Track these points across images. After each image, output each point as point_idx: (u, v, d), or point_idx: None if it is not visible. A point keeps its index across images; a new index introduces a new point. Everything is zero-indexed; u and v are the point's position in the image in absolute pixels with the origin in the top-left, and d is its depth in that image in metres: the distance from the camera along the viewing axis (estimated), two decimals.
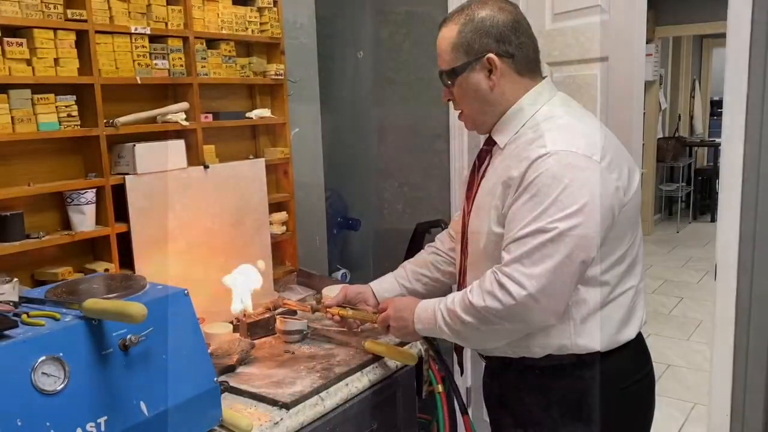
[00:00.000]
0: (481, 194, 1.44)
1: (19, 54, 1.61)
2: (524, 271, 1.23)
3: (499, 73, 1.37)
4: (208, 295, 2.04)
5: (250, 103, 2.32)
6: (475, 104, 1.42)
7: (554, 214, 1.24)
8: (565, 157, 1.26)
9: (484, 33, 1.36)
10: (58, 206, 1.78)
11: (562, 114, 1.38)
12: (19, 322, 1.18)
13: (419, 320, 1.45)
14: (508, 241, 1.28)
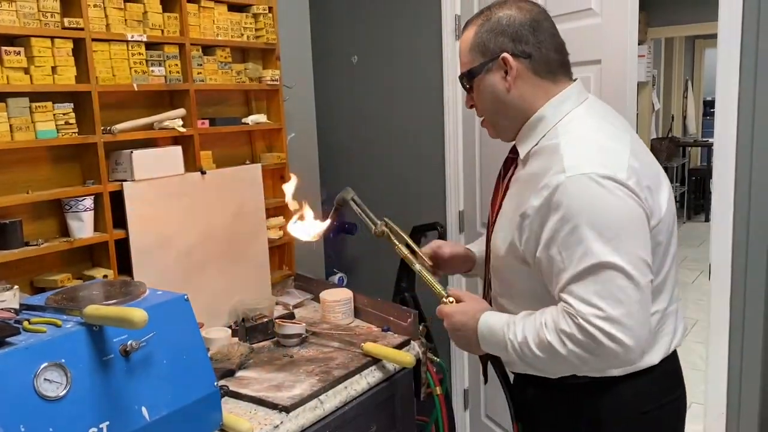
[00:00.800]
0: (503, 213, 1.38)
1: (16, 62, 1.62)
2: (604, 315, 1.14)
3: (515, 74, 1.30)
4: (207, 299, 2.06)
5: (247, 108, 2.33)
6: (494, 108, 1.36)
7: (608, 244, 1.15)
8: (585, 182, 1.17)
9: (500, 32, 1.30)
10: (56, 213, 1.79)
11: (586, 126, 1.29)
12: (20, 329, 1.19)
13: (485, 343, 1.33)
14: (565, 282, 1.19)
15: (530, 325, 1.24)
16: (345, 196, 1.67)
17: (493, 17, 1.32)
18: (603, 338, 1.13)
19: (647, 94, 7.30)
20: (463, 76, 1.37)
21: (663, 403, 1.37)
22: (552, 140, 1.28)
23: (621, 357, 1.15)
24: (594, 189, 1.17)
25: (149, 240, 1.89)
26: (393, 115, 3.08)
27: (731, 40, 1.96)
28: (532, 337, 1.22)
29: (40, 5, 1.66)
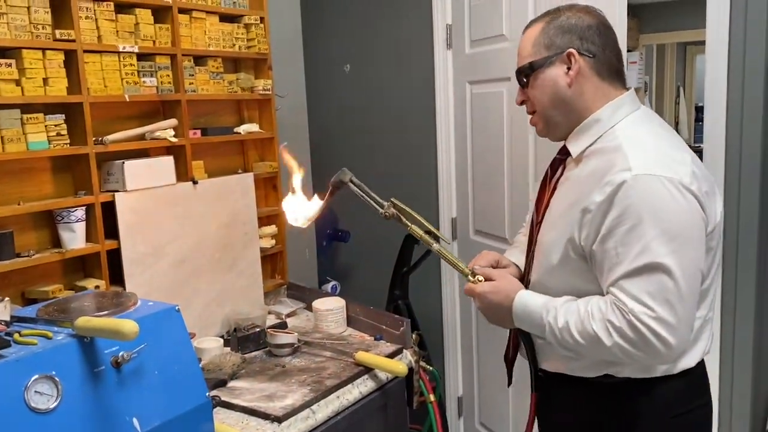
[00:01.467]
0: (554, 212, 1.38)
1: (8, 74, 1.63)
2: (655, 316, 1.18)
3: (578, 69, 1.32)
4: (198, 309, 2.06)
5: (239, 118, 2.34)
6: (551, 102, 1.36)
7: (667, 247, 1.18)
8: (653, 182, 1.20)
9: (568, 30, 1.33)
10: (48, 224, 1.79)
11: (645, 131, 1.32)
12: (11, 342, 1.19)
13: (520, 321, 1.36)
14: (618, 277, 1.22)
15: (573, 313, 1.27)
16: (342, 178, 1.54)
17: (561, 17, 1.36)
18: (651, 337, 1.19)
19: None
20: (523, 68, 1.38)
21: (692, 408, 1.39)
22: (611, 142, 1.30)
23: (663, 356, 1.21)
24: (660, 189, 1.20)
25: (141, 250, 1.89)
26: (385, 123, 3.10)
27: (719, 47, 1.98)
28: (574, 325, 1.26)
29: (31, 17, 1.67)
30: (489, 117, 2.60)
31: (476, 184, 2.75)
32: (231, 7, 2.20)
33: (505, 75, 2.45)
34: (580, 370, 1.39)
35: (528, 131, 2.33)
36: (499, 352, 2.65)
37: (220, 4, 2.17)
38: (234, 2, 2.22)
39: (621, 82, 1.38)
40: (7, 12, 1.62)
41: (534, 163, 2.35)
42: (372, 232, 3.19)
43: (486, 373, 2.83)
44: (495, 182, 2.59)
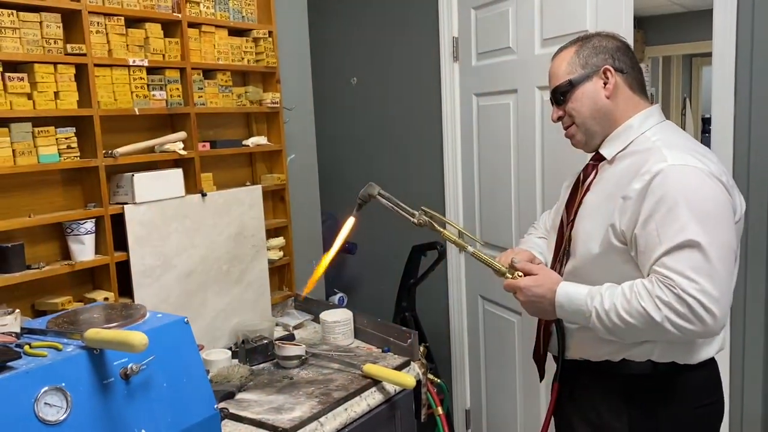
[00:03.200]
0: (590, 206, 1.49)
1: (20, 88, 1.65)
2: (700, 288, 1.27)
3: (614, 83, 1.48)
4: (207, 321, 2.06)
5: (247, 131, 2.35)
6: (590, 113, 1.50)
7: (703, 227, 1.29)
8: (687, 171, 1.33)
9: (601, 51, 1.50)
10: (58, 236, 1.80)
11: (674, 136, 1.47)
12: (21, 353, 1.19)
13: (563, 311, 1.44)
14: (660, 254, 1.31)
15: (619, 295, 1.35)
16: (371, 192, 1.63)
17: (591, 41, 1.52)
18: (699, 308, 1.27)
19: None
20: (562, 86, 1.51)
21: (706, 403, 1.49)
22: (643, 144, 1.45)
23: (710, 327, 1.28)
24: (692, 177, 1.33)
25: (150, 262, 1.90)
26: (392, 135, 3.11)
27: (726, 58, 1.99)
28: (621, 306, 1.33)
29: (43, 32, 1.69)
30: (496, 129, 2.60)
31: (483, 195, 2.75)
32: (240, 21, 2.22)
33: (511, 87, 2.46)
34: (601, 352, 1.48)
35: (535, 143, 2.34)
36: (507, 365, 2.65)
37: (229, 18, 2.19)
38: (243, 16, 2.24)
39: (647, 97, 1.54)
40: (20, 27, 1.64)
41: (541, 174, 2.35)
42: (378, 244, 3.20)
43: (494, 385, 2.82)
44: (502, 194, 2.59)
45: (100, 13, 1.80)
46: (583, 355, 1.53)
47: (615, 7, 2.05)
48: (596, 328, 1.39)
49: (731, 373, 2.06)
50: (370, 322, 2.13)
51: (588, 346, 1.51)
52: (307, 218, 2.62)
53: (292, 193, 2.43)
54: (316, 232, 2.68)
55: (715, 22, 2.00)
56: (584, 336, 1.50)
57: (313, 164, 2.66)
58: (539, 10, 2.30)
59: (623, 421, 1.47)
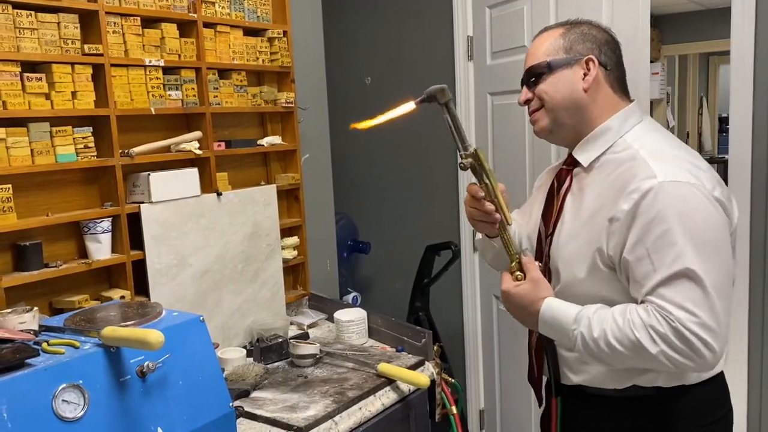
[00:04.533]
0: (570, 223, 1.38)
1: (38, 88, 1.66)
2: (700, 322, 1.18)
3: (595, 76, 1.35)
4: (222, 319, 2.07)
5: (262, 130, 2.36)
6: (564, 103, 1.37)
7: (698, 253, 1.19)
8: (680, 189, 1.22)
9: (588, 39, 1.38)
10: (75, 235, 1.82)
11: (657, 139, 1.35)
12: (39, 351, 1.21)
13: (546, 329, 1.35)
14: (655, 284, 1.21)
15: (609, 321, 1.25)
16: (439, 96, 1.40)
17: (581, 27, 1.40)
18: (698, 344, 1.18)
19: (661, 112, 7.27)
20: (539, 66, 1.38)
21: (718, 417, 1.39)
22: (625, 150, 1.33)
23: (708, 362, 1.20)
24: (687, 195, 1.21)
25: (166, 261, 1.91)
26: (406, 134, 3.10)
27: (744, 57, 1.97)
28: (612, 333, 1.23)
29: (61, 32, 1.71)
30: (511, 128, 2.59)
31: None
32: (255, 21, 2.23)
33: None
34: (607, 381, 1.37)
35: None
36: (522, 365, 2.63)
37: (244, 18, 2.20)
38: (258, 16, 2.25)
39: (627, 95, 1.42)
40: (38, 28, 1.66)
41: None
42: (393, 243, 3.20)
43: (508, 386, 2.81)
44: (516, 193, 2.57)
45: (116, 13, 1.81)
46: (582, 382, 1.42)
47: (632, 5, 2.04)
48: (580, 352, 1.30)
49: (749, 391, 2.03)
50: (384, 321, 2.13)
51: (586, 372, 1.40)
52: (321, 217, 2.63)
53: (307, 193, 2.44)
54: (330, 232, 2.69)
55: (734, 19, 1.98)
56: (579, 360, 1.40)
57: (327, 164, 2.66)
58: (554, 8, 2.29)
59: None
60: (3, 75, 1.60)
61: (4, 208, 1.60)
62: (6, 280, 1.61)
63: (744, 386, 2.06)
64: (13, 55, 1.61)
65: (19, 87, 1.63)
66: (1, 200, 1.59)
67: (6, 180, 1.62)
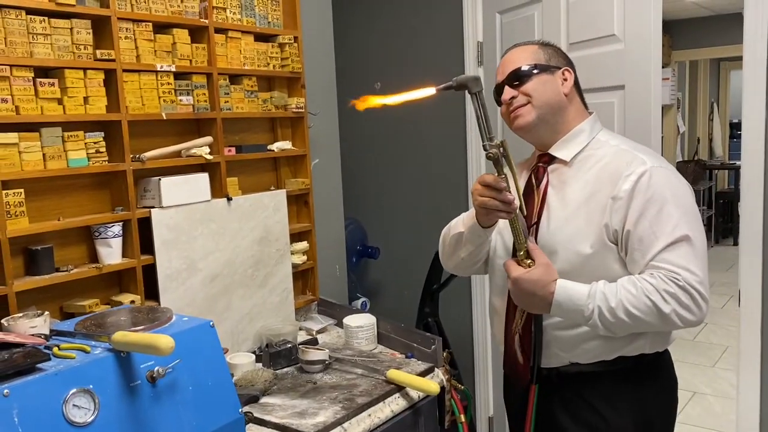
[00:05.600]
0: (562, 210, 1.50)
1: (50, 93, 1.67)
2: (699, 279, 1.37)
3: (571, 84, 1.55)
4: (231, 325, 2.07)
5: (272, 135, 2.36)
6: (549, 101, 1.53)
7: (689, 222, 1.40)
8: (666, 173, 1.45)
9: (560, 55, 1.60)
10: (86, 240, 1.82)
11: (628, 142, 1.56)
12: (50, 355, 1.21)
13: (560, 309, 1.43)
14: (659, 250, 1.39)
15: (622, 292, 1.39)
16: (470, 85, 1.39)
17: (551, 47, 1.60)
18: (699, 298, 1.37)
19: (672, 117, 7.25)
20: (523, 69, 1.53)
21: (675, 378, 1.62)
22: (602, 147, 1.53)
23: (704, 313, 1.39)
24: (673, 179, 1.45)
25: (176, 266, 1.91)
26: (416, 140, 3.10)
27: (757, 62, 1.95)
28: (629, 301, 1.38)
29: (73, 38, 1.72)
30: None
31: None
32: (266, 27, 2.24)
33: None
34: (599, 354, 1.50)
35: None
36: None
37: (255, 24, 2.20)
38: (269, 22, 2.26)
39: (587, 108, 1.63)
40: (51, 33, 1.67)
41: None
42: (402, 249, 3.19)
43: None
44: None
45: (128, 19, 1.82)
46: (574, 359, 1.53)
47: (643, 11, 2.03)
48: (594, 326, 1.41)
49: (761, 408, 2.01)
50: (393, 327, 2.12)
51: (581, 349, 1.51)
52: (331, 223, 2.63)
53: (316, 198, 2.44)
54: (340, 237, 2.69)
55: (746, 25, 1.96)
56: (577, 338, 1.50)
57: (337, 169, 2.66)
58: (565, 15, 2.28)
59: (626, 417, 1.51)
60: (16, 80, 1.61)
61: (16, 212, 1.61)
62: (17, 284, 1.61)
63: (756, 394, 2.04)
64: (26, 60, 1.62)
65: (32, 92, 1.64)
66: (14, 204, 1.60)
67: (18, 184, 1.62)
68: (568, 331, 1.50)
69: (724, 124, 9.05)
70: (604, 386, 1.52)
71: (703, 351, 4.58)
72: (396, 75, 3.14)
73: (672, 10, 6.23)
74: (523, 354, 1.57)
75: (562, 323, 1.50)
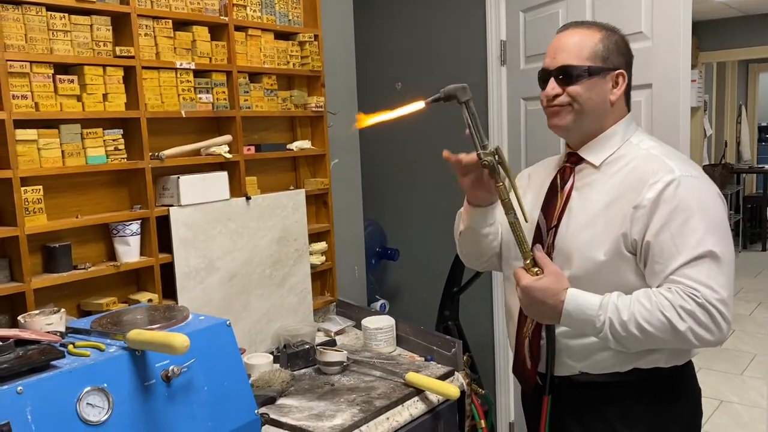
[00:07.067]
0: (582, 213, 1.44)
1: (70, 90, 1.67)
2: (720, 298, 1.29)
3: (621, 92, 1.46)
4: (249, 324, 2.05)
5: (291, 134, 2.34)
6: (594, 107, 1.45)
7: (715, 238, 1.32)
8: (696, 183, 1.37)
9: (622, 52, 1.46)
10: (104, 237, 1.82)
11: (657, 143, 1.48)
12: (65, 353, 1.20)
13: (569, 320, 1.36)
14: (680, 265, 1.31)
15: (636, 305, 1.32)
16: (459, 95, 1.41)
17: (616, 36, 1.47)
18: (719, 318, 1.29)
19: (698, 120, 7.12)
20: (576, 68, 1.42)
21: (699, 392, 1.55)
22: (634, 151, 1.45)
23: (724, 334, 1.31)
24: (701, 188, 1.37)
25: (194, 264, 1.90)
26: (437, 139, 3.06)
27: None
28: (641, 315, 1.31)
29: (93, 35, 1.71)
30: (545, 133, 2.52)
31: None
32: (286, 25, 2.22)
33: None
34: (612, 365, 1.43)
35: None
36: None
37: (276, 21, 2.19)
38: (289, 20, 2.24)
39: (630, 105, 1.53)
40: (71, 30, 1.67)
41: None
42: (421, 250, 3.16)
43: None
44: None
45: (148, 16, 1.82)
46: (585, 369, 1.46)
47: (672, 8, 1.97)
48: (605, 339, 1.35)
49: None
50: (412, 329, 2.09)
51: (592, 359, 1.45)
52: (350, 223, 2.60)
53: (335, 198, 2.42)
54: (359, 238, 2.66)
55: None
56: (588, 348, 1.44)
57: (357, 169, 2.64)
58: (591, 11, 2.24)
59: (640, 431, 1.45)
60: (36, 77, 1.60)
61: (34, 209, 1.60)
62: (35, 281, 1.61)
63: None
64: (46, 57, 1.62)
65: (52, 89, 1.64)
66: (32, 201, 1.60)
67: (37, 181, 1.62)
68: (578, 339, 1.44)
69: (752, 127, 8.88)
70: (618, 398, 1.45)
71: (730, 358, 4.47)
72: (417, 74, 3.11)
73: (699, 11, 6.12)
74: (531, 359, 1.52)
75: (572, 331, 1.44)
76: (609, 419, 1.46)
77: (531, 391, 1.56)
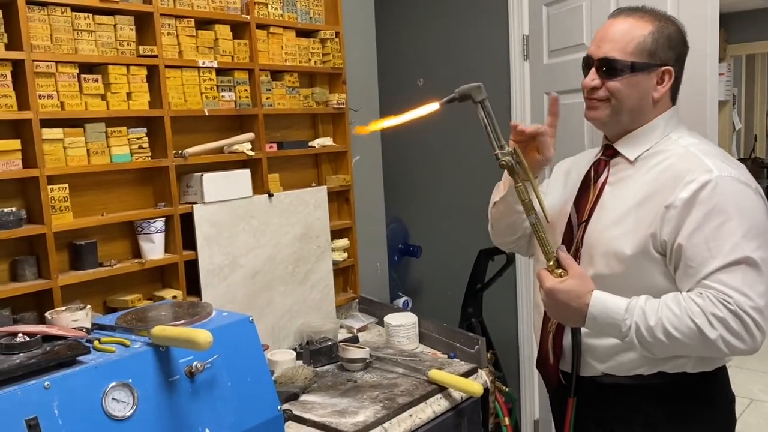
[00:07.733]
0: (613, 209, 1.39)
1: (94, 89, 1.69)
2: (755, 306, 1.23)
3: (666, 89, 1.39)
4: (272, 321, 2.06)
5: (313, 132, 2.35)
6: (633, 104, 1.39)
7: (754, 242, 1.25)
8: (736, 184, 1.29)
9: (672, 47, 1.38)
10: (129, 235, 1.84)
11: (698, 139, 1.41)
12: (91, 348, 1.21)
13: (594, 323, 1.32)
14: (713, 270, 1.25)
15: (664, 310, 1.27)
16: (474, 94, 1.38)
17: (670, 29, 1.39)
18: (753, 326, 1.23)
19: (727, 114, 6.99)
20: (619, 62, 1.37)
21: (731, 400, 1.47)
22: (671, 147, 1.38)
23: (758, 343, 1.25)
24: (742, 190, 1.29)
25: (217, 261, 1.91)
26: (458, 136, 3.05)
27: None
28: (669, 321, 1.26)
29: (117, 34, 1.73)
30: (568, 129, 2.50)
31: None
32: (307, 23, 2.22)
33: None
34: (636, 367, 1.38)
35: None
36: None
37: (297, 19, 2.19)
38: (310, 17, 2.24)
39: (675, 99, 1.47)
40: (96, 30, 1.69)
41: None
42: (444, 247, 3.14)
43: None
44: None
45: (171, 15, 1.83)
46: (608, 370, 1.42)
47: (699, 3, 1.93)
48: (631, 344, 1.30)
49: None
50: (435, 326, 2.08)
51: (615, 360, 1.41)
52: (372, 220, 2.60)
53: (357, 195, 2.42)
54: (381, 234, 2.66)
55: None
56: (611, 349, 1.40)
57: (379, 166, 2.64)
58: (615, 4, 2.20)
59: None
60: (61, 76, 1.63)
61: (60, 207, 1.63)
62: (62, 278, 1.63)
63: None
64: (71, 56, 1.64)
65: (77, 88, 1.66)
66: (58, 200, 1.62)
67: (63, 180, 1.64)
68: (601, 340, 1.40)
69: None
70: (642, 402, 1.40)
71: (761, 356, 4.37)
72: (439, 70, 3.09)
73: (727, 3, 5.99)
74: (553, 355, 1.50)
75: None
76: (632, 422, 1.41)
77: (553, 389, 1.54)
